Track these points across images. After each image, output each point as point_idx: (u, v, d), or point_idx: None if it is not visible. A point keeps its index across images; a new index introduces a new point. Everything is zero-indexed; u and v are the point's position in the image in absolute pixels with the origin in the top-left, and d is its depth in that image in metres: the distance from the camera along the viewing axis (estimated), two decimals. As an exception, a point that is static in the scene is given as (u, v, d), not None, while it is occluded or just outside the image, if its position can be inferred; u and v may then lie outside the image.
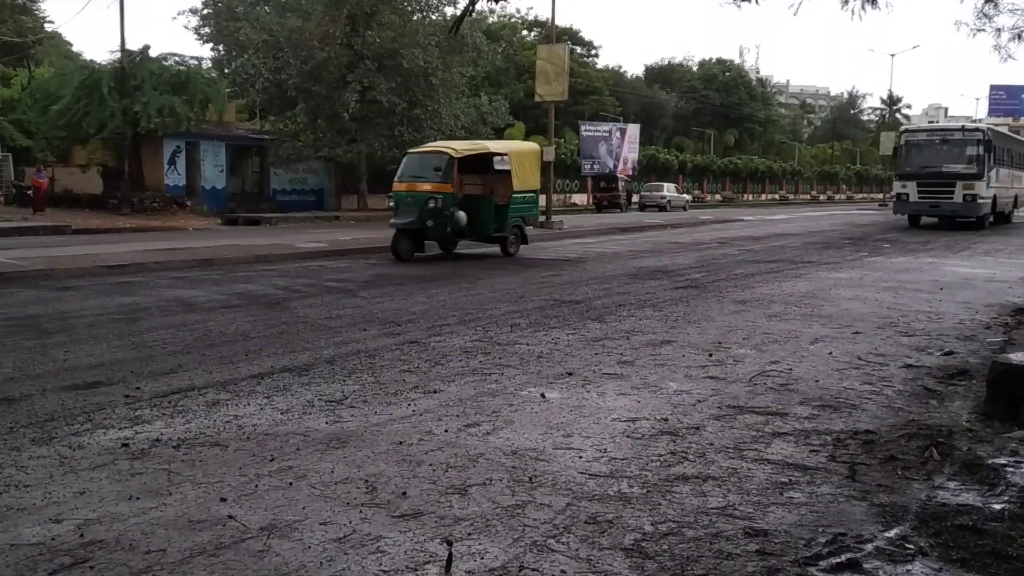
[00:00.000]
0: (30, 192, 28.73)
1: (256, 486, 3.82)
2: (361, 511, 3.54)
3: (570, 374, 6.11)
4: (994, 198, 26.32)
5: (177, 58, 32.46)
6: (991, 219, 26.79)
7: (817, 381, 5.95)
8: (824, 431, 4.75)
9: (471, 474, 3.99)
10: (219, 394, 5.48)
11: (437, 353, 6.82)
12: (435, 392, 5.56)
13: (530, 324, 8.26)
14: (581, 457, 4.25)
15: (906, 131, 28.84)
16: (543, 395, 5.48)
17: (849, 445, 4.51)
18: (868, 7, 8.74)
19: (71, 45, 50.12)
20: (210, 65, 37.27)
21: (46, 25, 47.32)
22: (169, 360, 6.55)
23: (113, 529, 3.35)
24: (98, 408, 5.12)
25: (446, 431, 4.67)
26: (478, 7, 7.09)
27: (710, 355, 6.80)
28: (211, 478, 3.92)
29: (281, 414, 5.01)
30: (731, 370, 6.29)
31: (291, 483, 3.86)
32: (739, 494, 3.78)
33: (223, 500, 3.65)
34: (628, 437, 4.60)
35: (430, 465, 4.11)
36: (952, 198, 25.07)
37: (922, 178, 25.84)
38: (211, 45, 39.89)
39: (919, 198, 25.87)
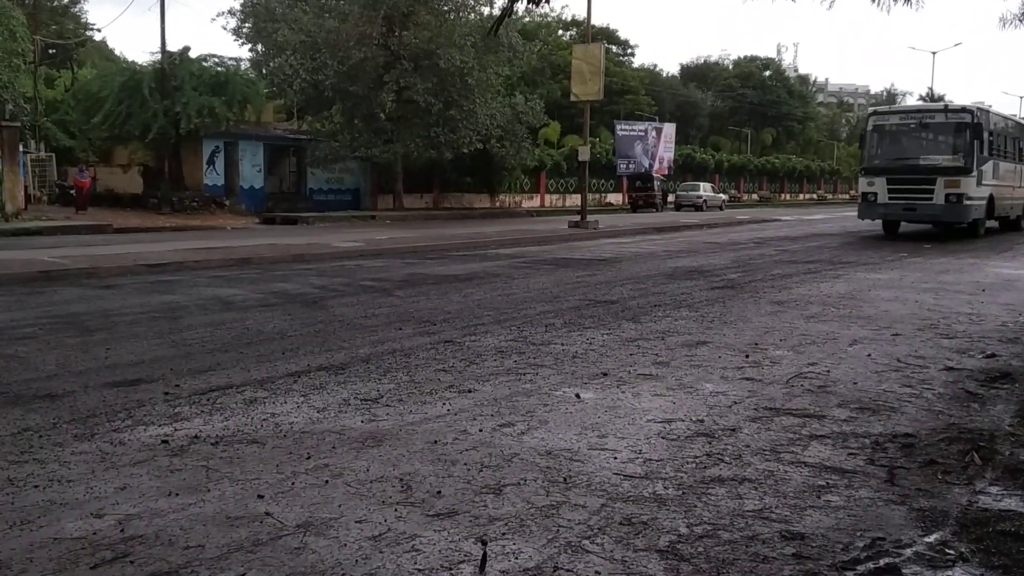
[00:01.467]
0: (73, 191, 29.28)
1: (293, 484, 3.86)
2: (396, 510, 3.56)
3: (605, 374, 6.09)
4: (990, 198, 21.11)
5: (216, 59, 32.93)
6: (986, 225, 21.72)
7: (855, 383, 5.88)
8: (862, 434, 4.69)
9: (505, 474, 4.00)
10: (256, 392, 5.54)
11: (472, 352, 6.84)
12: (470, 391, 5.57)
13: (565, 324, 8.25)
14: (616, 458, 4.24)
15: (875, 113, 22.65)
16: (578, 395, 5.47)
17: (888, 448, 4.45)
18: (899, 1, 8.60)
19: (113, 50, 50.91)
20: (248, 66, 37.73)
21: (89, 30, 48.10)
22: (208, 358, 6.64)
23: (153, 524, 3.40)
24: (138, 405, 5.20)
25: (481, 431, 4.68)
26: (518, 7, 7.10)
27: (746, 356, 6.75)
28: (248, 475, 3.97)
29: (317, 412, 5.06)
30: (768, 372, 6.24)
31: (327, 481, 3.89)
32: (776, 497, 3.75)
33: (260, 497, 3.68)
34: (663, 438, 4.58)
35: (465, 464, 4.12)
36: (931, 198, 19.81)
37: (894, 173, 20.50)
38: (249, 46, 40.30)
39: (890, 199, 20.50)
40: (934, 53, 69.27)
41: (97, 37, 49.22)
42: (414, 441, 4.48)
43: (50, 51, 39.76)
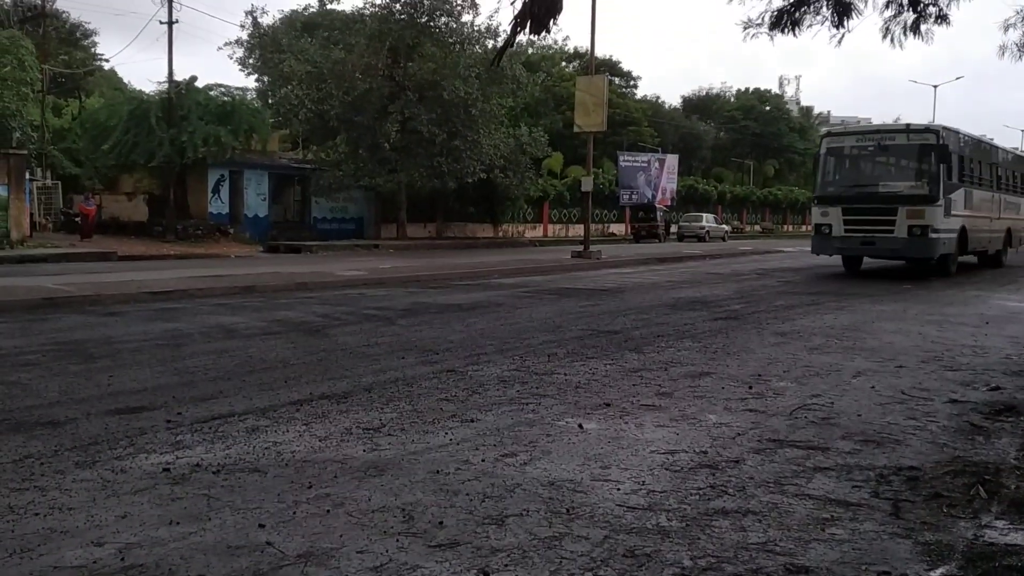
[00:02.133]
0: (78, 219, 29.41)
1: (294, 513, 3.84)
2: (398, 540, 3.54)
3: (608, 405, 6.07)
4: (962, 231, 18.86)
5: (223, 88, 33.22)
6: (958, 261, 19.52)
7: (859, 415, 5.85)
8: (867, 466, 4.67)
9: (508, 504, 3.98)
10: (259, 420, 5.53)
11: (474, 382, 6.83)
12: (472, 421, 5.56)
13: (567, 354, 8.24)
14: (619, 489, 4.22)
15: (828, 135, 20.32)
16: (580, 426, 5.45)
17: (893, 481, 4.43)
18: (910, 35, 8.69)
19: (122, 79, 51.35)
20: (254, 95, 38.07)
21: (97, 60, 48.55)
22: (210, 386, 6.63)
23: (153, 553, 3.38)
24: (140, 433, 5.19)
25: (483, 461, 4.66)
26: (519, 39, 7.16)
27: (750, 387, 6.73)
28: (250, 504, 3.95)
29: (319, 441, 5.04)
30: (771, 403, 6.22)
31: (328, 510, 3.87)
32: (780, 529, 3.73)
33: (261, 526, 3.67)
34: (667, 469, 4.56)
35: (467, 495, 4.10)
36: (892, 231, 17.58)
37: (850, 202, 18.31)
38: (256, 76, 40.70)
39: (847, 231, 18.26)
40: (935, 87, 69.80)
41: (105, 67, 49.68)
42: (416, 471, 4.47)
43: (60, 80, 40.09)
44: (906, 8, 8.63)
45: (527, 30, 6.37)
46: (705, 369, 7.52)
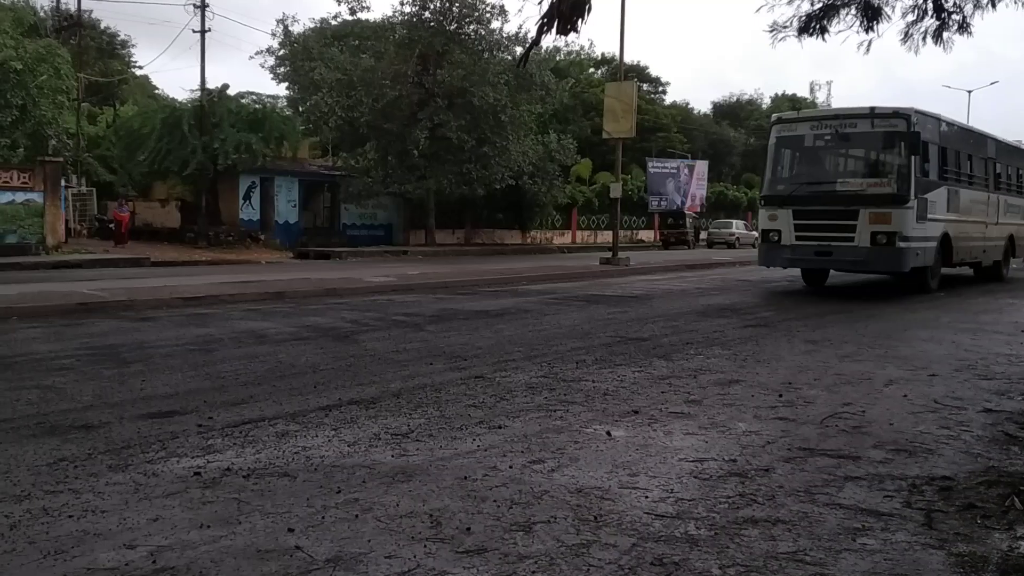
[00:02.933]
0: (112, 225, 29.84)
1: (323, 518, 3.86)
2: (426, 546, 3.55)
3: (636, 412, 6.05)
4: (944, 239, 15.76)
5: (254, 96, 33.60)
6: (939, 275, 16.19)
7: (891, 424, 5.79)
8: (899, 476, 4.62)
9: (535, 511, 3.98)
10: (288, 425, 5.57)
11: (502, 389, 6.83)
12: (499, 428, 5.56)
13: (596, 361, 8.22)
14: (647, 497, 4.20)
15: (779, 120, 16.48)
16: (609, 433, 5.44)
17: (925, 491, 4.37)
18: (930, 41, 8.59)
19: (156, 87, 52.07)
20: (285, 103, 38.42)
21: (132, 67, 49.26)
22: (241, 391, 6.69)
23: (184, 556, 3.42)
24: (172, 437, 5.25)
25: (511, 467, 4.66)
26: (547, 41, 7.17)
27: (780, 395, 6.68)
28: (279, 508, 3.98)
29: (348, 446, 5.07)
30: (802, 411, 6.16)
31: (357, 515, 3.89)
32: (810, 539, 3.69)
33: (291, 531, 3.69)
34: (695, 478, 4.54)
35: (494, 501, 4.11)
36: (852, 239, 14.51)
37: (802, 203, 15.16)
38: (287, 84, 41.05)
39: (798, 239, 15.11)
40: (969, 92, 68.80)
41: (139, 74, 50.40)
42: (444, 477, 4.48)
43: (96, 88, 40.70)
44: (929, 15, 8.54)
45: (554, 30, 6.36)
46: (735, 376, 7.47)
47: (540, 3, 6.46)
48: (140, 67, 53.80)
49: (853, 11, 8.49)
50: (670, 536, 3.70)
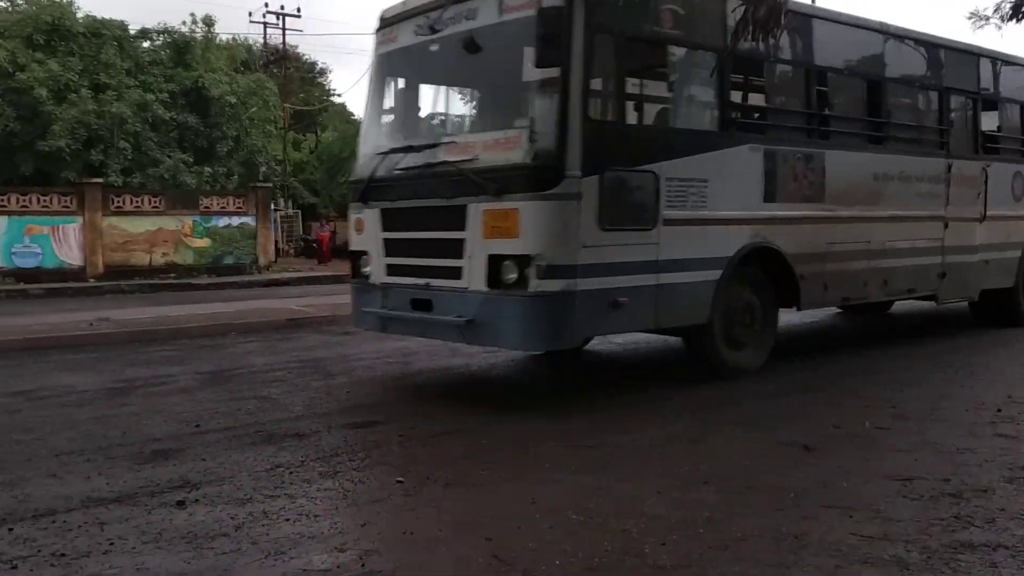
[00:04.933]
0: (315, 245, 31.73)
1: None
2: (620, 559, 3.54)
3: (837, 427, 5.79)
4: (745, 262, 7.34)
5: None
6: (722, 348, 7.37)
7: None
8: None
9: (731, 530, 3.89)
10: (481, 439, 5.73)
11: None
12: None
13: (791, 373, 7.93)
14: (851, 517, 4.01)
15: (382, 24, 7.88)
16: (806, 447, 5.24)
17: None
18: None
19: (352, 113, 54.93)
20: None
21: (331, 95, 52.28)
22: (439, 402, 6.94)
23: (390, 560, 3.59)
24: (375, 446, 5.52)
25: (704, 482, 4.58)
26: None
27: (998, 411, 6.19)
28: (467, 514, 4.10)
29: (541, 458, 5.14)
30: (1024, 428, 5.69)
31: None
32: (1037, 568, 3.41)
33: (488, 540, 3.80)
34: (903, 497, 4.28)
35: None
36: (458, 273, 6.64)
37: (389, 195, 7.42)
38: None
39: (390, 271, 7.41)
40: None
41: (337, 101, 53.36)
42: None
43: (303, 117, 43.50)
44: None
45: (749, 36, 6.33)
46: (944, 390, 7.00)
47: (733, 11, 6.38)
48: (339, 95, 56.96)
49: None
50: (877, 558, 3.51)
